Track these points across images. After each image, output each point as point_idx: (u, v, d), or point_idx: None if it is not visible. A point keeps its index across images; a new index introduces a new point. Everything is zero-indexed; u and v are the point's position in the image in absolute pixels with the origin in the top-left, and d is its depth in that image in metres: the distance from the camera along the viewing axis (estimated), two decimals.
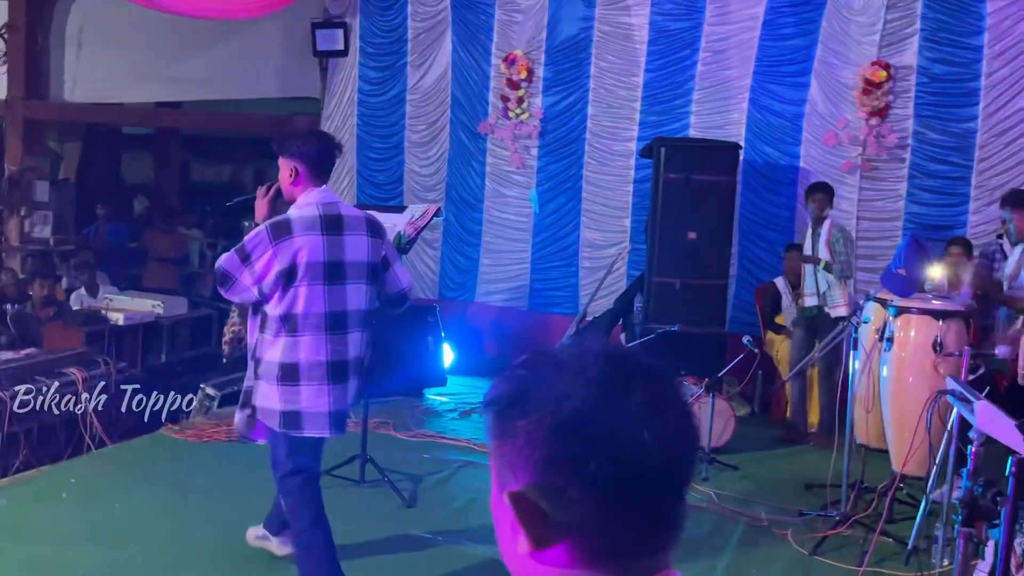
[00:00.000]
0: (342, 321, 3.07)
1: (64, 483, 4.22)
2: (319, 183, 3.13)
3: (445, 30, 7.59)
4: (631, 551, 0.77)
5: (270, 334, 3.03)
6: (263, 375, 3.07)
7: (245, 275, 2.98)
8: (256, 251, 2.97)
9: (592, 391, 0.76)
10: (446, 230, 7.76)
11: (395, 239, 4.15)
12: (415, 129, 7.77)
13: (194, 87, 9.47)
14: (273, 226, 3.00)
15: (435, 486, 4.47)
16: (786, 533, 4.01)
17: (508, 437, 0.78)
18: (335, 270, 3.04)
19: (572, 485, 0.74)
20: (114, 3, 9.14)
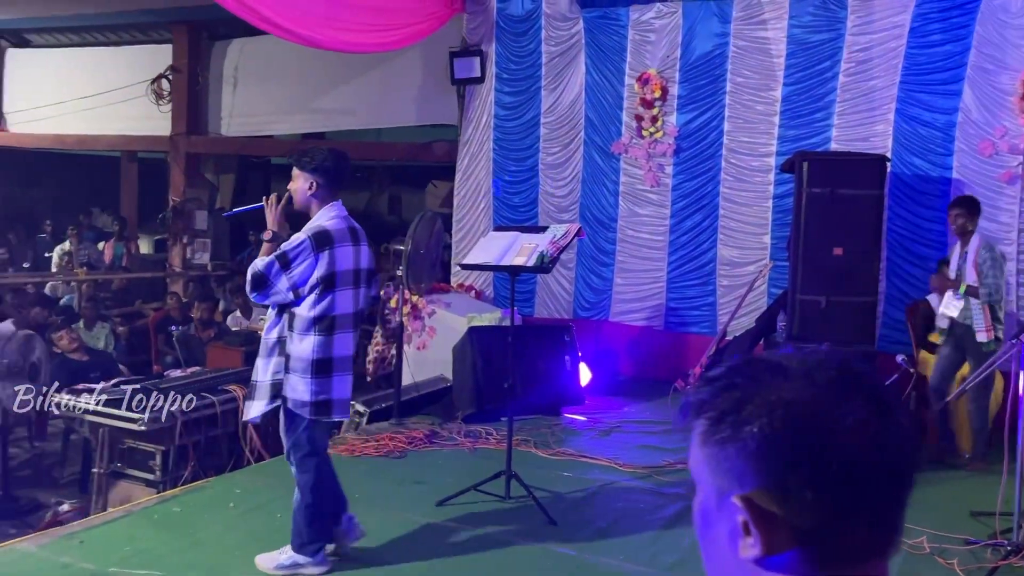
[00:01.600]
0: (356, 320, 3.51)
1: (230, 493, 4.48)
2: (333, 198, 3.46)
3: (578, 53, 7.69)
4: (859, 556, 0.78)
5: (302, 333, 3.35)
6: (294, 369, 3.37)
7: (283, 280, 3.29)
8: (298, 259, 3.28)
9: (823, 396, 0.77)
10: (580, 250, 7.81)
11: (537, 259, 4.23)
12: (549, 151, 7.88)
13: (338, 118, 9.96)
14: (316, 236, 3.32)
15: (578, 504, 4.49)
16: (952, 563, 3.81)
17: (730, 442, 0.80)
18: (357, 276, 3.45)
19: (807, 489, 0.75)
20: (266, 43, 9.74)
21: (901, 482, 0.78)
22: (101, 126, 10.83)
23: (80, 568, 3.51)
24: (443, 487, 4.54)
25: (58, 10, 10.07)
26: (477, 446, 5.47)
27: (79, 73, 11.03)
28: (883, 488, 0.77)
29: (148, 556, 3.65)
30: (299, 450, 3.49)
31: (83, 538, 3.85)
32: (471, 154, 8.14)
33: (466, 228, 8.17)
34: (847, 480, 0.75)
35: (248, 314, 7.99)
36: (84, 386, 5.50)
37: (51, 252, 12.02)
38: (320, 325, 3.34)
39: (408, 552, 3.83)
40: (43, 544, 3.77)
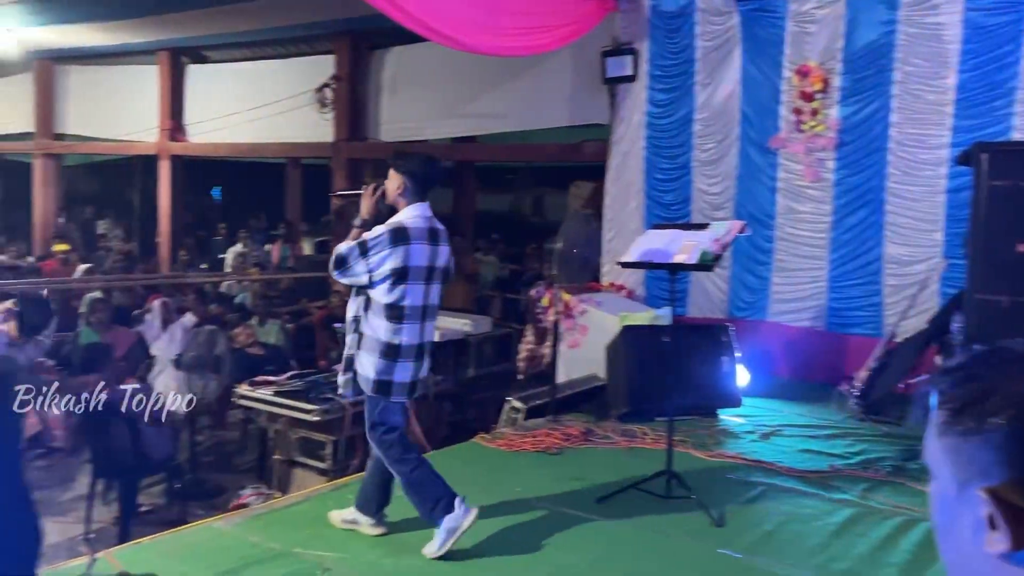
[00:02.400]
0: (427, 313, 3.74)
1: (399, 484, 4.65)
2: (420, 199, 3.72)
3: (734, 48, 7.53)
4: None
5: (376, 316, 3.63)
6: (366, 348, 3.65)
7: (361, 265, 3.57)
8: (375, 249, 3.56)
9: None
10: (736, 248, 7.63)
11: (700, 257, 4.18)
12: (703, 148, 7.75)
13: (488, 121, 10.18)
14: (394, 232, 3.59)
15: (742, 507, 4.41)
16: None
17: (973, 434, 0.79)
18: (430, 273, 3.69)
19: None
20: (421, 50, 10.08)
21: None
22: (270, 134, 11.52)
23: (268, 547, 3.76)
24: (601, 484, 4.57)
25: (232, 27, 10.77)
26: (633, 445, 5.47)
27: (250, 85, 11.78)
28: None
29: (328, 539, 3.86)
30: (377, 428, 3.74)
31: (267, 520, 4.12)
32: (622, 153, 8.12)
33: (617, 227, 8.15)
34: None
35: None
36: (262, 379, 5.89)
37: (224, 253, 12.88)
38: (390, 312, 3.61)
39: (572, 548, 3.88)
40: (234, 524, 4.07)
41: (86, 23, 10.66)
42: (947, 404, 0.83)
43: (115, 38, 11.67)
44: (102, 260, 12.66)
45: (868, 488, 4.68)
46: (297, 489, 5.29)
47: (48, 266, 11.64)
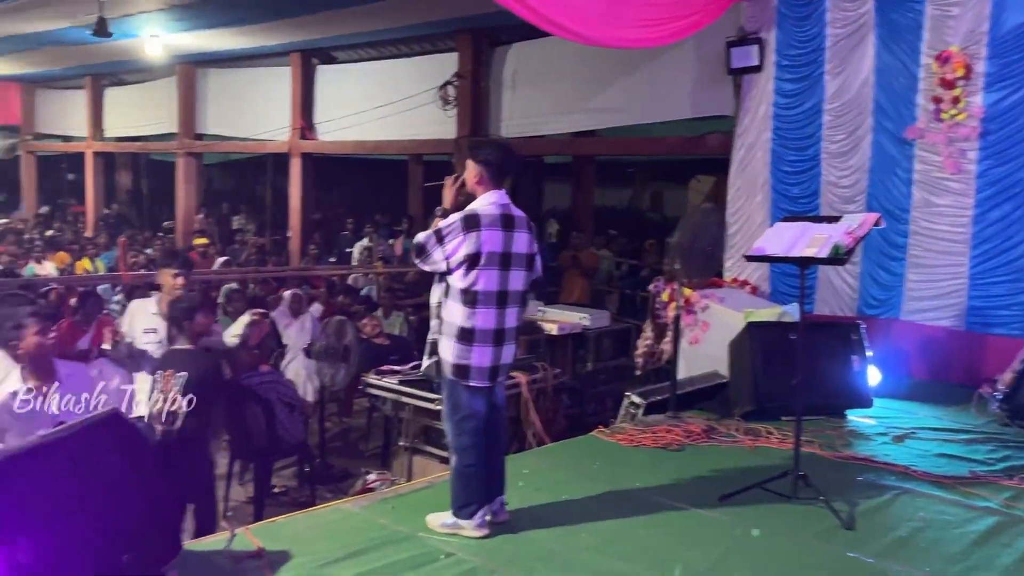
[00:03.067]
0: (506, 299, 3.79)
1: (519, 473, 4.71)
2: (497, 186, 3.81)
3: (867, 35, 7.22)
4: None
5: (453, 301, 3.73)
6: (445, 332, 3.76)
7: (438, 252, 3.68)
8: (450, 236, 3.67)
9: None
10: (867, 243, 7.29)
11: (832, 250, 4.04)
12: (833, 139, 7.48)
13: (609, 115, 10.13)
14: (466, 218, 3.69)
15: (873, 511, 4.24)
16: None
17: None
18: (506, 259, 3.75)
19: None
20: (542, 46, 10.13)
21: None
22: (395, 132, 11.83)
23: (395, 529, 3.87)
24: (724, 482, 4.49)
25: (360, 27, 11.12)
26: (757, 444, 5.34)
27: (376, 84, 12.14)
28: None
29: None
30: (457, 411, 3.82)
31: (394, 504, 4.24)
32: (747, 145, 7.93)
33: (741, 221, 7.97)
34: None
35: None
36: (388, 368, 6.06)
37: (351, 247, 13.33)
38: (465, 297, 3.70)
39: (694, 545, 3.83)
40: (363, 506, 4.21)
41: (225, 28, 11.23)
42: None
43: (251, 41, 12.26)
44: (238, 253, 13.32)
45: (1013, 497, 4.42)
46: (419, 475, 5.43)
47: None
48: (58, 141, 19.38)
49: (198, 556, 3.45)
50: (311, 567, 3.44)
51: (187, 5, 9.76)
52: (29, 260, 11.65)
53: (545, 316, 7.22)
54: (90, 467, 2.89)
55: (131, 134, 17.16)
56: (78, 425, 3.05)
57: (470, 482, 3.81)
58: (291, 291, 8.25)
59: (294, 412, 5.74)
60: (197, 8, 9.91)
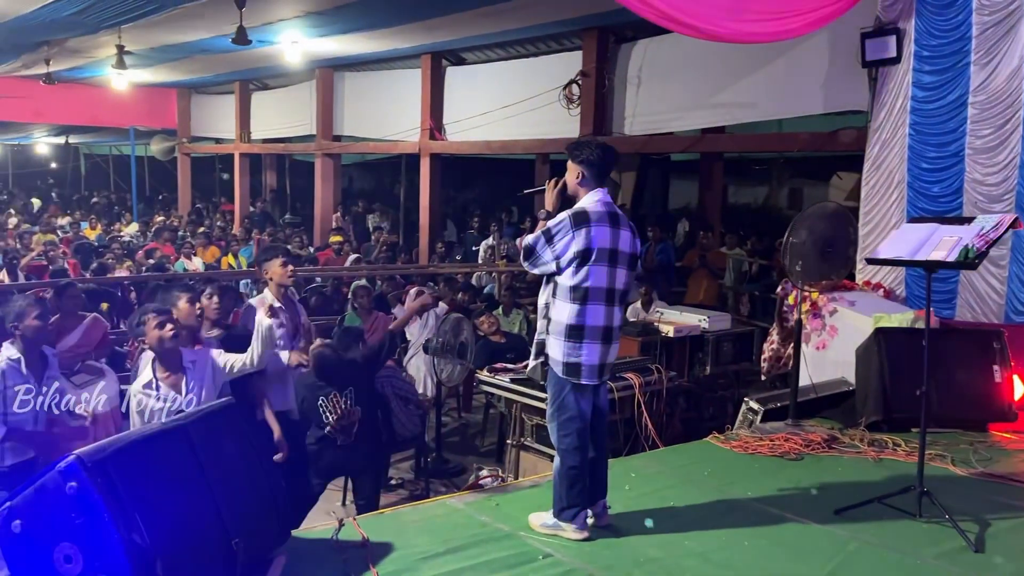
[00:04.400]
0: (613, 296, 3.80)
1: (626, 476, 4.66)
2: (599, 185, 3.82)
3: (1019, 20, 6.70)
4: None
5: (562, 300, 3.72)
6: (553, 332, 3.76)
7: (548, 252, 3.70)
8: (559, 234, 3.68)
9: None
10: (1016, 245, 6.82)
11: (960, 253, 3.79)
12: (979, 134, 6.98)
13: (738, 111, 9.84)
14: (574, 215, 3.71)
15: (1006, 532, 3.95)
16: None
17: None
18: (614, 255, 3.76)
19: None
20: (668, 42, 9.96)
21: None
22: (520, 131, 11.92)
23: (495, 528, 3.91)
24: (843, 495, 4.29)
25: (488, 28, 11.25)
26: (882, 456, 5.07)
27: (503, 84, 12.26)
28: None
29: None
30: (563, 412, 3.80)
31: (498, 501, 4.28)
32: (882, 141, 7.52)
33: (875, 221, 7.58)
34: None
35: (647, 306, 8.24)
36: (502, 365, 6.12)
37: (478, 246, 13.53)
38: (574, 295, 3.71)
39: (805, 559, 3.68)
40: (468, 502, 4.27)
41: (358, 32, 11.62)
42: None
43: (384, 44, 12.63)
44: (370, 251, 13.78)
45: None
46: (528, 474, 5.45)
47: (323, 255, 12.86)
48: (210, 143, 20.62)
49: (306, 543, 3.59)
50: (410, 560, 3.51)
51: (321, 12, 10.16)
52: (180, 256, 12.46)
53: (662, 318, 7.10)
54: (206, 455, 3.06)
55: (275, 136, 18.05)
56: (196, 414, 3.23)
57: (573, 485, 3.80)
58: (415, 288, 8.45)
59: (409, 406, 5.88)
60: (331, 14, 10.29)
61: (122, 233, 16.22)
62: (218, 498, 3.03)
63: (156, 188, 24.50)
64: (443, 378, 6.54)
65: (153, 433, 2.99)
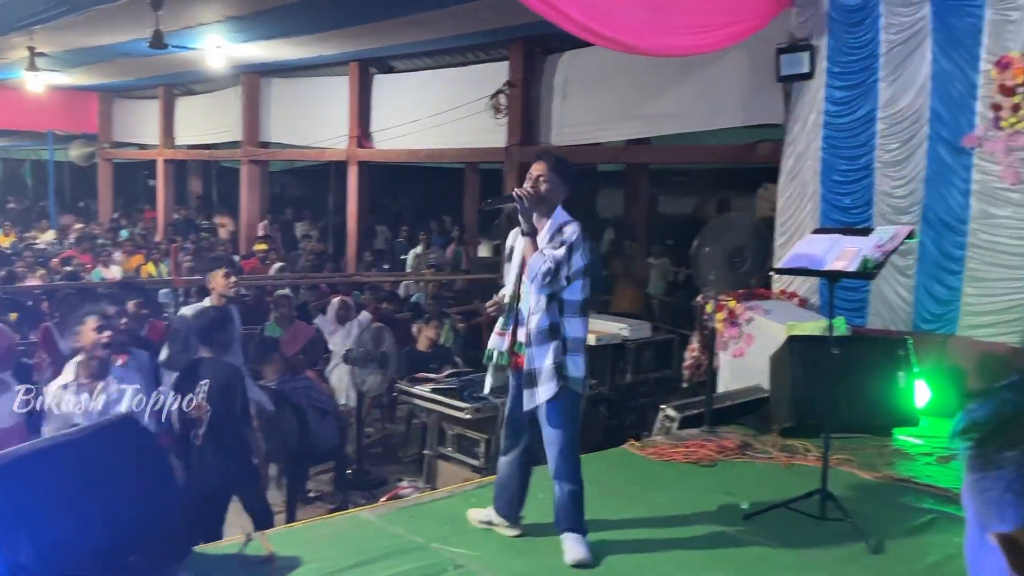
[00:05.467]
0: None
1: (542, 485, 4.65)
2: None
3: (923, 40, 6.97)
4: None
5: (572, 316, 3.70)
6: (571, 349, 3.68)
7: (564, 268, 3.64)
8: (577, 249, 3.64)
9: None
10: (922, 255, 7.08)
11: (860, 264, 3.91)
12: (887, 148, 7.24)
13: (662, 122, 10.02)
14: (583, 229, 3.73)
15: (906, 535, 4.08)
16: None
17: (992, 469, 0.69)
18: None
19: None
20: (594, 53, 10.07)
21: None
22: (448, 140, 11.91)
23: (408, 540, 3.88)
24: (753, 501, 4.37)
25: (416, 37, 11.24)
26: (793, 462, 5.19)
27: (431, 93, 12.24)
28: None
29: (466, 536, 3.94)
30: (569, 428, 3.75)
31: (413, 513, 4.25)
32: (797, 153, 7.74)
33: (790, 231, 7.77)
34: None
35: None
36: (422, 375, 6.09)
37: (406, 254, 13.46)
38: (583, 308, 3.77)
39: (713, 566, 3.74)
40: (380, 515, 4.23)
41: (283, 38, 11.48)
42: (971, 435, 0.72)
43: (310, 51, 12.50)
44: (297, 259, 13.59)
45: None
46: (448, 484, 5.42)
47: (248, 264, 12.63)
48: (134, 148, 20.09)
49: (209, 559, 3.51)
50: (318, 574, 3.46)
51: (243, 17, 10.01)
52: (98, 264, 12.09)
53: None
54: (98, 469, 2.97)
55: (200, 142, 17.68)
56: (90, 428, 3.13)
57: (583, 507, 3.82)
58: (338, 298, 8.36)
59: (327, 417, 5.81)
60: (253, 20, 10.14)
61: (37, 240, 15.68)
62: (112, 514, 2.93)
63: (77, 195, 23.76)
64: (364, 389, 6.47)
65: (42, 448, 2.88)
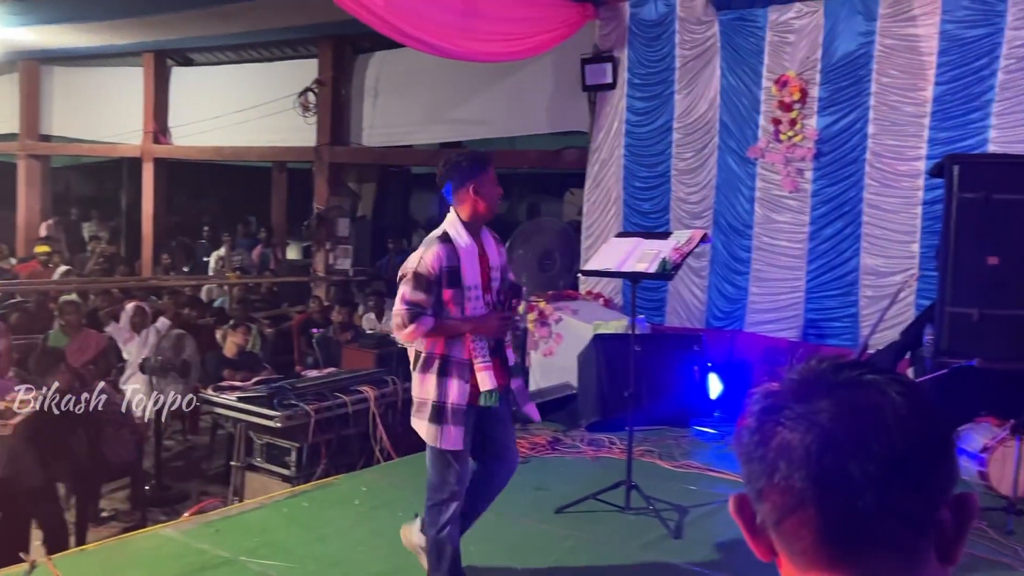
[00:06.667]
0: None
1: (357, 491, 4.61)
2: None
3: (713, 57, 7.50)
4: (841, 558, 0.75)
5: None
6: None
7: None
8: None
9: (782, 399, 0.79)
10: (714, 258, 7.61)
11: (659, 265, 4.14)
12: (682, 157, 7.72)
13: (472, 127, 10.14)
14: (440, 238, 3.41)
15: (702, 518, 4.36)
16: None
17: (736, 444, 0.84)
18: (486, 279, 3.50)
19: (764, 488, 0.76)
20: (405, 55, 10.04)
21: (871, 486, 0.73)
22: (254, 138, 11.47)
23: (215, 555, 3.70)
24: (563, 494, 4.52)
25: (217, 29, 10.73)
26: (600, 455, 5.42)
27: (235, 88, 11.74)
28: (843, 492, 0.73)
29: (276, 547, 3.80)
30: None
31: (219, 527, 4.06)
32: (601, 160, 8.09)
33: (595, 235, 8.12)
34: (801, 483, 0.74)
35: (380, 317, 8.24)
36: (228, 383, 5.82)
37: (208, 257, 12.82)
38: None
39: (524, 560, 3.82)
40: (184, 530, 4.00)
41: (69, 23, 10.61)
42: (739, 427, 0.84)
43: (99, 39, 11.62)
44: (86, 262, 12.59)
45: None
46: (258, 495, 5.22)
47: (27, 268, 11.57)
48: None
49: None
50: None
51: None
52: None
53: None
54: None
55: None
56: None
57: None
58: (133, 303, 7.83)
59: (123, 431, 5.42)
60: (32, 2, 9.31)
61: None
62: None
63: None
64: (163, 400, 6.09)
65: None
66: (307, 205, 11.66)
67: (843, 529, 0.73)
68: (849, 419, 0.73)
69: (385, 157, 11.15)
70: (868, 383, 0.76)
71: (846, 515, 0.73)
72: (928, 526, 0.73)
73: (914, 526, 0.73)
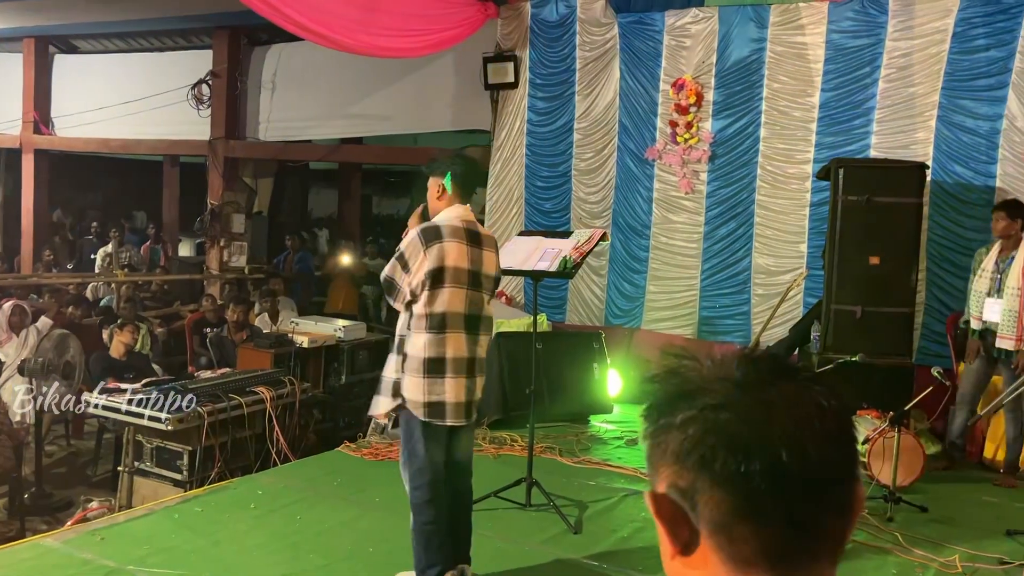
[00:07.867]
0: (477, 324, 3.39)
1: (252, 494, 4.49)
2: (461, 201, 3.45)
3: (613, 59, 7.63)
4: (776, 558, 0.72)
5: (417, 331, 3.29)
6: (409, 369, 3.30)
7: (404, 279, 3.29)
8: (412, 256, 3.29)
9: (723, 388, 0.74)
10: (612, 257, 7.74)
11: (560, 264, 4.18)
12: (582, 157, 7.82)
13: (374, 123, 9.99)
14: (423, 231, 3.32)
15: (600, 513, 4.43)
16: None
17: (651, 442, 0.78)
18: (475, 278, 3.37)
19: (704, 484, 0.72)
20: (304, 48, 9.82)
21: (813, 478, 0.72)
22: (144, 130, 11.00)
23: (100, 564, 3.53)
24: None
25: (104, 16, 10.26)
26: (501, 452, 5.43)
27: (124, 78, 11.23)
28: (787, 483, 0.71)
29: (167, 555, 3.66)
30: (415, 461, 3.36)
31: (104, 535, 3.88)
32: (503, 159, 8.12)
33: (498, 234, 8.12)
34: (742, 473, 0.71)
35: (275, 318, 8.06)
36: (115, 385, 5.57)
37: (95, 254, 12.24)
38: (432, 322, 3.28)
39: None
40: (66, 540, 3.81)
41: None
42: (645, 415, 0.81)
43: None
44: None
45: None
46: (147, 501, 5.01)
47: None
48: None
49: None
50: None
51: None
52: None
53: (297, 328, 6.96)
54: None
55: None
56: None
57: (431, 541, 3.36)
58: (11, 302, 7.41)
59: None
60: None
61: None
62: None
63: None
64: (43, 403, 5.78)
65: None
66: (201, 200, 11.29)
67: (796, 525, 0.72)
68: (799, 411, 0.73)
69: (283, 152, 10.87)
70: (805, 378, 0.76)
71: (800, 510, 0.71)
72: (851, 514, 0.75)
73: (844, 517, 0.75)
